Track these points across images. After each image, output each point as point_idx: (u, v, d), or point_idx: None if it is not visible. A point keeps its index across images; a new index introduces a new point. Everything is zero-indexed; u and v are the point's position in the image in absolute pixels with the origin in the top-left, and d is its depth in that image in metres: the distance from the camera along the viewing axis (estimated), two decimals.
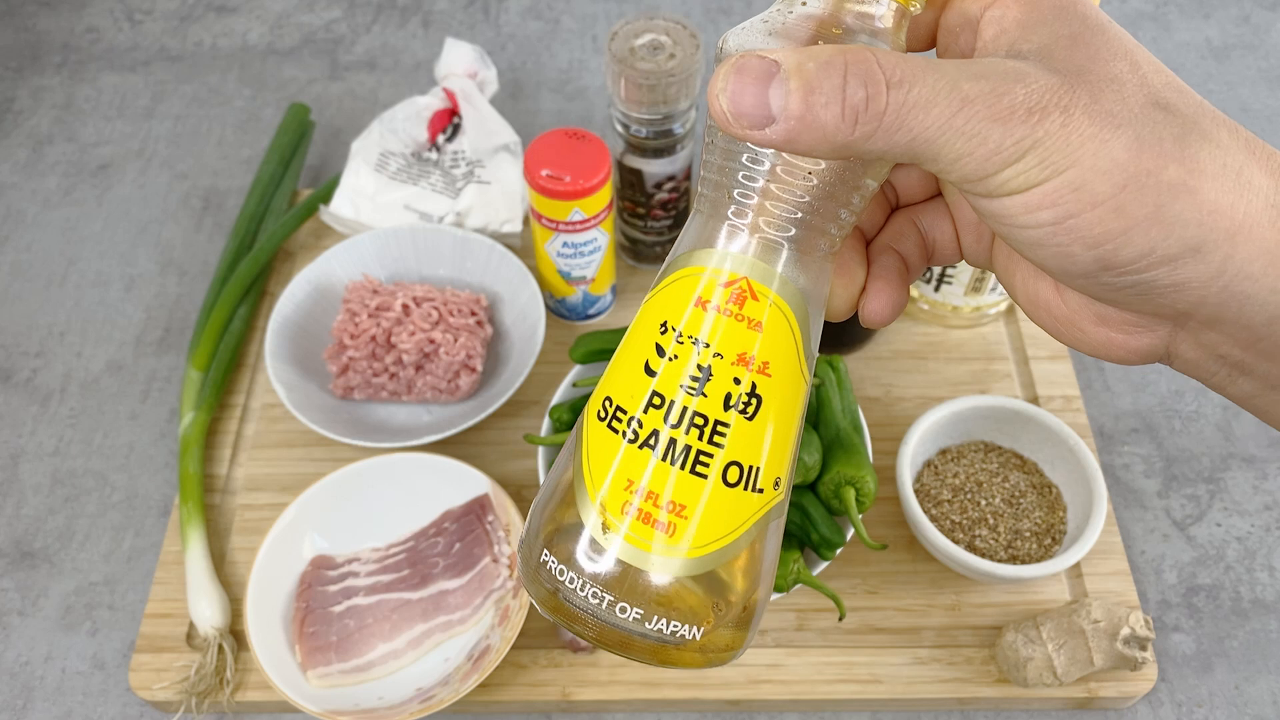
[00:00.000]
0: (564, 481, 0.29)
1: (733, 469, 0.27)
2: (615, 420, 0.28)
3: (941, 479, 0.61)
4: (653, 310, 0.28)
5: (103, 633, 0.61)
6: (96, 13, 0.98)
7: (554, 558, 0.28)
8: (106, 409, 0.70)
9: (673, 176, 0.68)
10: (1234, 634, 0.60)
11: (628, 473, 0.27)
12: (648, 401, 0.27)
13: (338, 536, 0.61)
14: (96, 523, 0.65)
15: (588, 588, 0.27)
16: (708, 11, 0.97)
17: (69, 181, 0.84)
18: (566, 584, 0.27)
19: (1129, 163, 0.22)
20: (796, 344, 0.28)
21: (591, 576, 0.27)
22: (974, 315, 0.71)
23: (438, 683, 0.55)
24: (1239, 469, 0.67)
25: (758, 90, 0.23)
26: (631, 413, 0.27)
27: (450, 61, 0.78)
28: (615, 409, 0.28)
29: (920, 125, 0.23)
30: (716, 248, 0.28)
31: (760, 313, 0.27)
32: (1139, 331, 0.26)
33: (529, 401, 0.68)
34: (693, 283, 0.28)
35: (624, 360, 0.29)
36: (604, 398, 0.29)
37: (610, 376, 0.29)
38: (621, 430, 0.27)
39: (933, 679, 0.57)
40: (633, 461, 0.27)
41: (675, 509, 0.27)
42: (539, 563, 0.28)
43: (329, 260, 0.70)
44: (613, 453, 0.28)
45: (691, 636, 0.28)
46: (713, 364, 0.27)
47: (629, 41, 0.62)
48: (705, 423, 0.27)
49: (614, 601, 0.27)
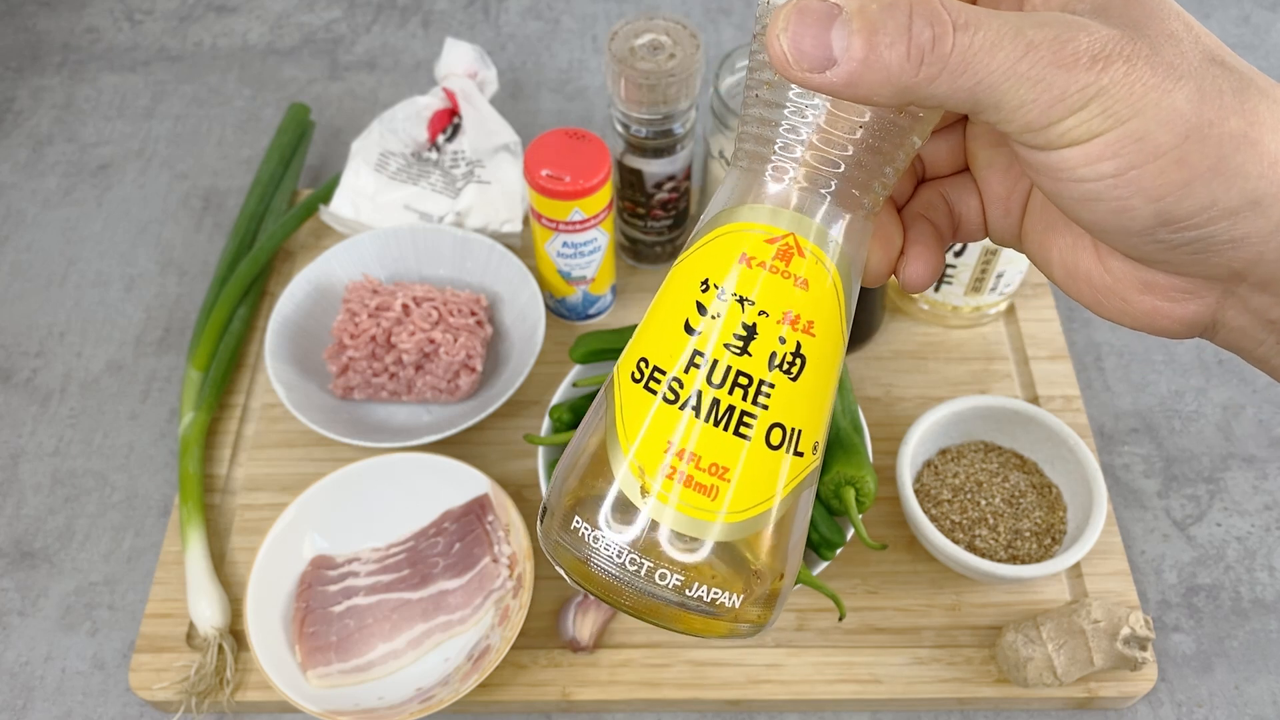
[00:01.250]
0: (592, 446, 0.28)
1: (775, 430, 0.26)
2: (653, 381, 0.27)
3: (941, 479, 0.61)
4: (692, 268, 0.27)
5: (103, 633, 0.61)
6: (96, 13, 0.98)
7: (585, 523, 0.27)
8: (106, 409, 0.70)
9: (673, 176, 0.68)
10: (1234, 634, 0.60)
11: (666, 433, 0.26)
12: (688, 360, 0.26)
13: (338, 536, 0.61)
14: (96, 523, 0.65)
15: (625, 554, 0.26)
16: (708, 11, 0.97)
17: (69, 181, 0.84)
18: (601, 550, 0.26)
19: (1191, 114, 0.22)
20: (840, 304, 0.27)
21: (629, 542, 0.26)
22: (974, 315, 0.71)
23: (438, 683, 0.55)
24: (1239, 469, 0.67)
25: (819, 31, 0.23)
26: (670, 372, 0.26)
27: (450, 61, 0.78)
28: (653, 369, 0.27)
29: (985, 69, 0.22)
30: (760, 203, 0.27)
31: (806, 270, 0.27)
32: (1187, 299, 0.26)
33: (529, 401, 0.68)
34: (736, 239, 0.27)
35: (660, 319, 0.27)
36: (638, 359, 0.27)
37: (644, 337, 0.28)
38: (659, 390, 0.26)
39: (933, 679, 0.57)
40: (672, 422, 0.26)
41: (717, 471, 0.26)
42: (569, 530, 0.27)
43: (329, 260, 0.70)
44: (651, 414, 0.26)
45: (730, 604, 0.27)
46: (758, 322, 0.26)
47: (629, 41, 0.62)
48: (750, 382, 0.26)
49: (653, 568, 0.26)
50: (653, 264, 0.75)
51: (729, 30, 0.95)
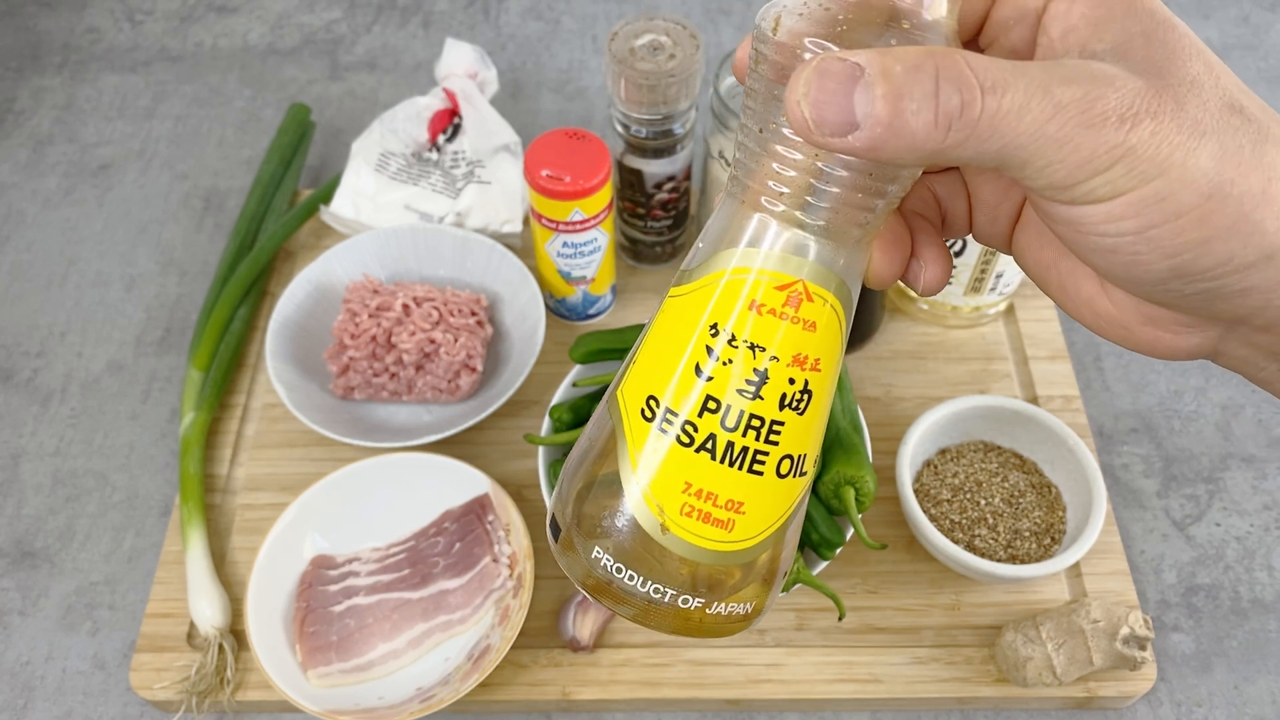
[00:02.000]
0: (602, 473, 0.29)
1: (785, 462, 0.28)
2: (665, 422, 0.28)
3: (941, 479, 0.61)
4: (696, 307, 0.28)
5: (103, 632, 0.61)
6: (97, 13, 0.98)
7: (605, 554, 0.28)
8: (107, 409, 0.70)
9: (673, 177, 0.68)
10: (1233, 634, 0.60)
11: (683, 474, 0.27)
12: (701, 405, 0.27)
13: (338, 536, 0.61)
14: (97, 523, 0.65)
15: (647, 584, 0.28)
16: (708, 12, 0.97)
17: (69, 182, 0.84)
18: (625, 580, 0.28)
19: (1214, 172, 0.22)
20: (842, 331, 0.28)
21: (650, 573, 0.28)
22: (973, 315, 0.71)
23: (438, 682, 0.56)
24: (1238, 469, 0.67)
25: (842, 95, 0.22)
26: (684, 415, 0.27)
27: (450, 62, 0.78)
28: (665, 410, 0.28)
29: (1013, 132, 0.22)
30: (767, 248, 0.27)
31: (816, 314, 0.27)
32: (1189, 332, 0.26)
33: (529, 401, 0.68)
34: (744, 284, 0.27)
35: (666, 357, 0.28)
36: (647, 396, 0.28)
37: (650, 372, 0.28)
38: (672, 432, 0.28)
39: (932, 678, 0.57)
40: (689, 464, 0.27)
41: (733, 506, 0.28)
42: (590, 556, 0.29)
43: (329, 260, 0.70)
44: (667, 456, 0.28)
45: (744, 611, 0.29)
46: (769, 367, 0.27)
47: (629, 42, 0.62)
48: (762, 424, 0.27)
49: (675, 595, 0.28)
50: (652, 264, 0.75)
51: (729, 31, 0.95)
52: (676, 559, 0.28)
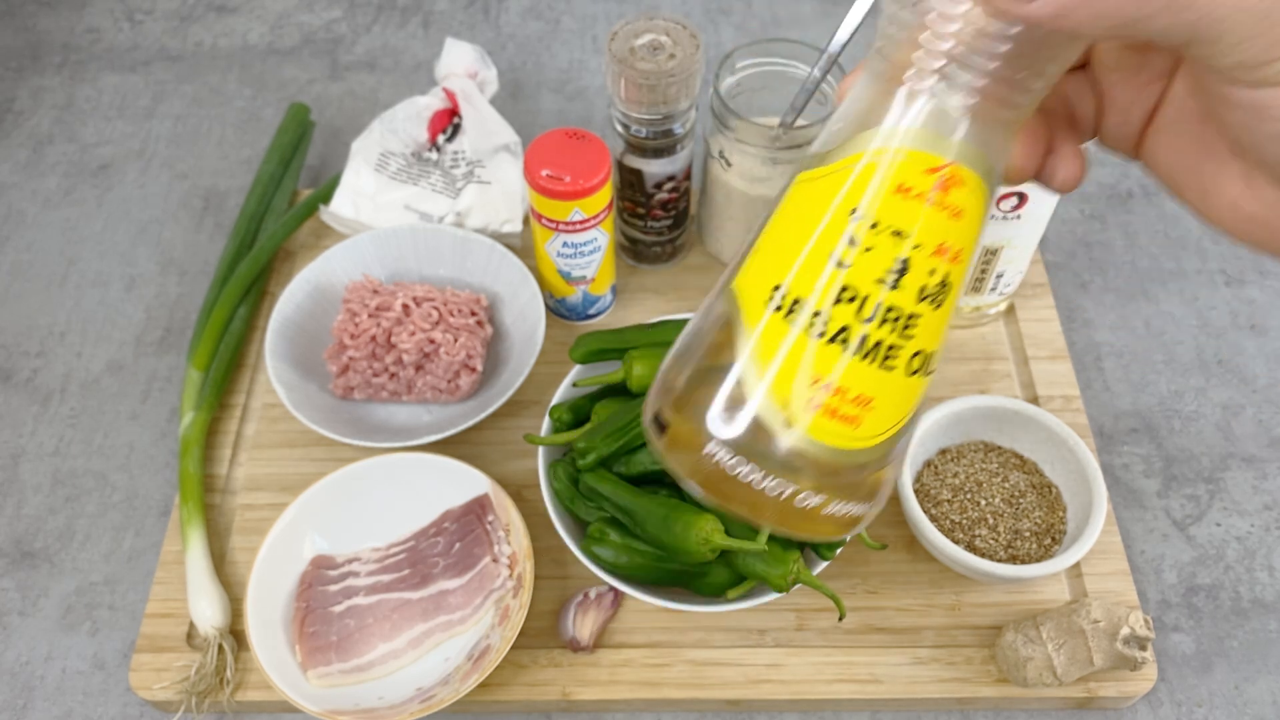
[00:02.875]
0: (719, 364, 0.27)
1: (916, 358, 0.27)
2: (793, 312, 0.26)
3: (941, 479, 0.61)
4: (829, 190, 0.26)
5: (103, 632, 0.61)
6: (97, 13, 0.98)
7: (723, 448, 0.27)
8: (107, 409, 0.70)
9: (673, 176, 0.68)
10: (1234, 634, 0.60)
11: (812, 366, 0.26)
12: (836, 294, 0.26)
13: (338, 536, 0.61)
14: (97, 523, 0.65)
15: (765, 480, 0.27)
16: (708, 12, 0.97)
17: (69, 182, 0.84)
18: (740, 475, 0.27)
19: None
20: (982, 227, 0.27)
21: (770, 469, 0.26)
22: (974, 315, 0.71)
23: (438, 682, 0.56)
24: (1238, 469, 0.67)
25: None
26: (816, 305, 0.26)
27: (450, 62, 0.78)
28: (793, 300, 0.26)
29: (1211, 2, 0.21)
30: (912, 125, 0.25)
31: (963, 201, 0.26)
32: None
33: (529, 401, 0.68)
34: (885, 165, 0.26)
35: (795, 244, 0.27)
36: (772, 286, 0.27)
37: (775, 260, 0.27)
38: (801, 322, 0.26)
39: (932, 679, 0.57)
40: (819, 357, 0.26)
41: (862, 402, 0.26)
42: (703, 453, 0.27)
43: (329, 260, 0.70)
44: (795, 348, 0.26)
45: (860, 512, 0.28)
46: (911, 256, 0.25)
47: (629, 42, 0.62)
48: (900, 316, 0.26)
49: (794, 491, 0.27)
50: (652, 264, 0.75)
51: (729, 31, 0.95)
52: (798, 454, 0.26)
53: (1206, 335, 0.74)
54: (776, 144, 0.64)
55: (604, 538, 0.56)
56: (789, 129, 0.63)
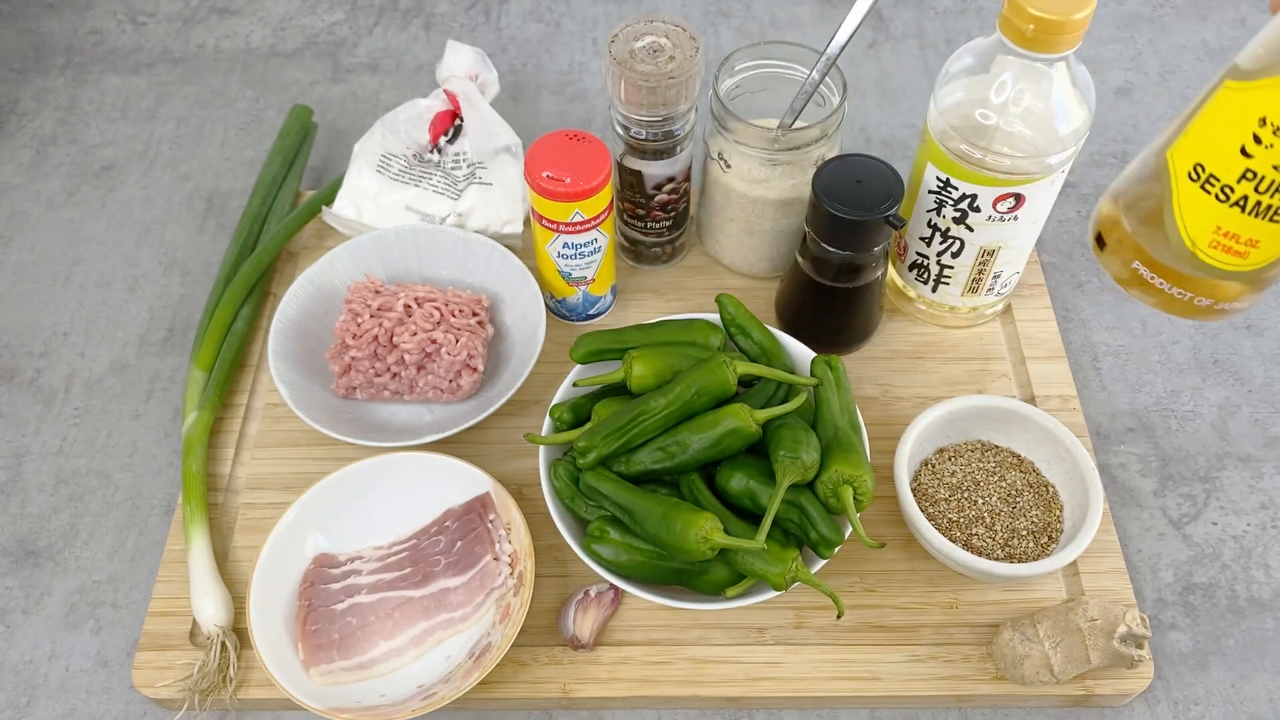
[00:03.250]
0: (1152, 209, 0.45)
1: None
2: (1208, 184, 0.42)
3: (939, 478, 0.61)
4: (1249, 101, 0.40)
5: (106, 631, 0.61)
6: (100, 15, 0.98)
7: (1145, 268, 0.46)
8: (110, 409, 0.71)
9: (672, 178, 0.68)
10: (1230, 632, 0.61)
11: (1217, 221, 0.43)
12: (1240, 174, 0.41)
13: (340, 535, 0.61)
14: (100, 521, 0.66)
15: (1173, 289, 0.46)
16: (707, 14, 0.97)
17: (73, 183, 0.84)
18: (1157, 284, 0.46)
19: None
20: None
21: (1177, 282, 0.45)
22: (971, 315, 0.71)
23: (439, 680, 0.56)
24: (1235, 468, 0.67)
25: None
26: (1226, 180, 0.41)
27: (452, 64, 0.78)
28: (1208, 175, 0.42)
29: None
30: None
31: None
32: None
33: (530, 401, 0.68)
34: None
35: (1217, 136, 0.41)
36: (1195, 163, 0.42)
37: (1200, 144, 0.42)
38: (1214, 192, 0.42)
39: (930, 676, 0.57)
40: (1223, 214, 0.42)
41: (1250, 243, 0.43)
42: (1131, 267, 0.47)
43: (331, 261, 0.70)
44: (1206, 207, 0.43)
45: (1242, 306, 0.46)
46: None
47: (629, 44, 0.62)
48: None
49: (1194, 297, 0.46)
50: (652, 265, 0.76)
51: (728, 33, 0.96)
52: (1200, 275, 0.44)
53: (1203, 335, 0.74)
54: (775, 146, 0.64)
55: (604, 536, 0.56)
56: (788, 131, 0.64)
